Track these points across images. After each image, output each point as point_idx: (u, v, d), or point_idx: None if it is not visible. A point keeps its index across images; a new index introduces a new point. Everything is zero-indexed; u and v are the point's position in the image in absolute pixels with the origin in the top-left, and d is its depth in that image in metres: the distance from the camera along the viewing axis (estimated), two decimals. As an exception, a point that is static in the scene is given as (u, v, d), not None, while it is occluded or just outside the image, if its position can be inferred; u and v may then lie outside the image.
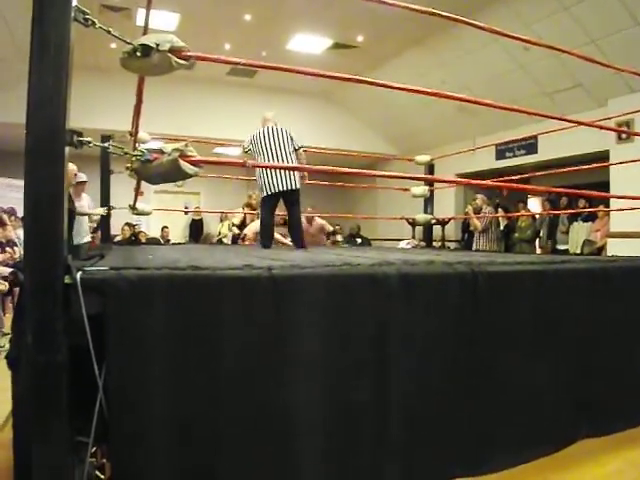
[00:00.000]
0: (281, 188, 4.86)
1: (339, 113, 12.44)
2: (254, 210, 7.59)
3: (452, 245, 10.65)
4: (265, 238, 5.07)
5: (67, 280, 1.50)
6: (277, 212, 5.30)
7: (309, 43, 9.80)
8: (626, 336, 2.78)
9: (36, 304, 1.47)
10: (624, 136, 8.10)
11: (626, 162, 6.40)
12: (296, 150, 5.03)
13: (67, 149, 1.58)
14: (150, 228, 11.78)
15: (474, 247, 8.01)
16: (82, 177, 6.37)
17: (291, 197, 5.00)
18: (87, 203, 6.54)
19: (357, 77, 2.81)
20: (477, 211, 7.86)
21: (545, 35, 7.43)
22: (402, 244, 6.70)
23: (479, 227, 7.86)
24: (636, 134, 7.37)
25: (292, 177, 4.89)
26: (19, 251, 6.78)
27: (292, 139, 5.03)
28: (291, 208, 5.12)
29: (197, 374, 1.66)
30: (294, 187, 4.88)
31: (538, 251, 8.95)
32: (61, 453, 1.46)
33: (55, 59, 1.52)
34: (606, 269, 2.82)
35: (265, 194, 4.93)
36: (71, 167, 6.18)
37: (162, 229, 11.06)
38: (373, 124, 13.09)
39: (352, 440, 1.94)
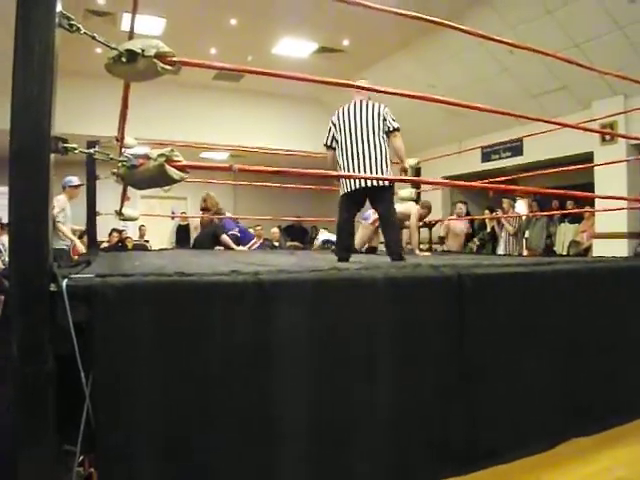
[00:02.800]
0: (356, 185, 3.82)
1: (326, 117, 12.44)
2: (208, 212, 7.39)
3: (439, 248, 10.68)
4: (339, 247, 4.02)
5: (53, 288, 1.49)
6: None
7: (295, 47, 9.81)
8: (613, 336, 2.80)
9: (21, 313, 1.45)
10: (608, 138, 8.19)
11: (610, 163, 6.48)
12: (389, 133, 3.89)
13: (52, 156, 1.56)
14: (136, 234, 11.72)
15: (503, 251, 8.07)
16: (76, 181, 6.34)
17: (375, 196, 3.90)
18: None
19: (343, 81, 2.82)
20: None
21: (529, 38, 7.49)
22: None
23: (511, 230, 7.99)
24: (620, 136, 7.47)
25: (374, 170, 3.79)
26: (4, 258, 6.71)
27: (384, 119, 3.87)
28: (378, 207, 4.02)
29: (185, 381, 1.65)
30: (375, 184, 3.76)
31: (525, 252, 9.02)
32: (48, 463, 1.45)
33: (39, 65, 1.50)
34: (593, 270, 2.85)
35: (341, 191, 3.96)
36: None
37: (139, 227, 11.02)
38: (360, 127, 13.09)
39: (339, 443, 1.94)
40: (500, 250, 8.25)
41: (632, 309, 2.92)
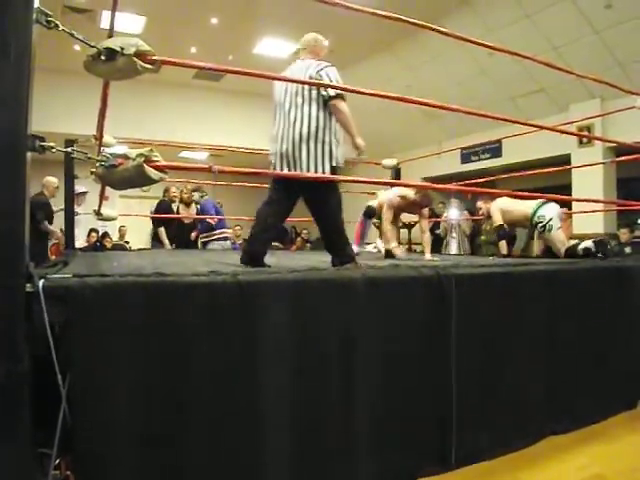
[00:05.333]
0: (276, 168, 3.00)
1: (306, 117, 12.44)
2: (188, 205, 7.18)
3: (418, 248, 10.72)
4: (249, 244, 3.01)
5: (29, 288, 1.47)
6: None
7: (276, 47, 9.78)
8: (588, 336, 2.84)
9: (-4, 313, 1.43)
10: (585, 140, 8.30)
11: (587, 165, 6.56)
12: (326, 102, 2.92)
13: (29, 154, 1.55)
14: (115, 234, 11.60)
15: (456, 251, 8.08)
16: (80, 189, 6.50)
17: (306, 191, 2.96)
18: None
19: (323, 82, 2.81)
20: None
21: (508, 41, 7.55)
22: (369, 247, 6.70)
23: (468, 232, 8.03)
24: (596, 138, 7.56)
25: (296, 153, 2.93)
26: None
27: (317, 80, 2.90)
28: (311, 208, 3.06)
29: (163, 382, 1.64)
30: (296, 167, 2.92)
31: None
32: (23, 466, 1.43)
33: (16, 62, 1.48)
34: (568, 271, 2.88)
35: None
36: (52, 180, 6.15)
37: (119, 228, 10.91)
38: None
39: (320, 440, 1.94)
40: (452, 250, 8.32)
41: (610, 309, 2.96)
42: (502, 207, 4.70)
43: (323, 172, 2.92)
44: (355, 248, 4.20)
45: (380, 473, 2.07)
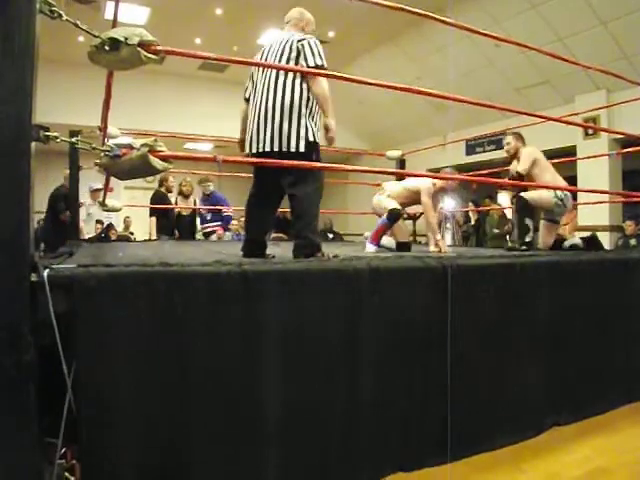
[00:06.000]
0: (254, 149, 2.84)
1: (311, 108, 12.39)
2: (186, 197, 7.13)
3: (423, 240, 10.70)
4: (245, 236, 3.03)
5: (34, 278, 1.47)
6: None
7: (280, 38, 9.77)
8: (590, 327, 2.83)
9: (1, 303, 1.43)
10: (590, 132, 8.26)
11: (592, 157, 6.54)
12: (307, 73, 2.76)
13: (33, 144, 1.55)
14: (120, 225, 11.62)
15: (450, 242, 8.08)
16: (96, 185, 6.97)
17: (285, 174, 2.77)
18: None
19: (329, 72, 2.80)
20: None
21: (514, 32, 7.53)
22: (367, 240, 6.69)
23: (461, 223, 8.00)
24: (602, 130, 7.53)
25: (275, 131, 2.77)
26: None
27: (298, 53, 2.80)
28: (288, 190, 2.84)
29: (167, 371, 1.65)
30: (277, 149, 2.76)
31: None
32: (29, 455, 1.44)
33: (20, 52, 1.48)
34: (572, 262, 2.87)
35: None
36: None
37: (124, 219, 10.93)
38: (345, 120, 13.06)
39: (322, 431, 1.95)
40: (447, 241, 8.34)
41: (614, 301, 2.96)
42: (538, 157, 4.05)
43: (297, 148, 2.76)
44: (373, 247, 4.22)
45: (380, 464, 2.07)
